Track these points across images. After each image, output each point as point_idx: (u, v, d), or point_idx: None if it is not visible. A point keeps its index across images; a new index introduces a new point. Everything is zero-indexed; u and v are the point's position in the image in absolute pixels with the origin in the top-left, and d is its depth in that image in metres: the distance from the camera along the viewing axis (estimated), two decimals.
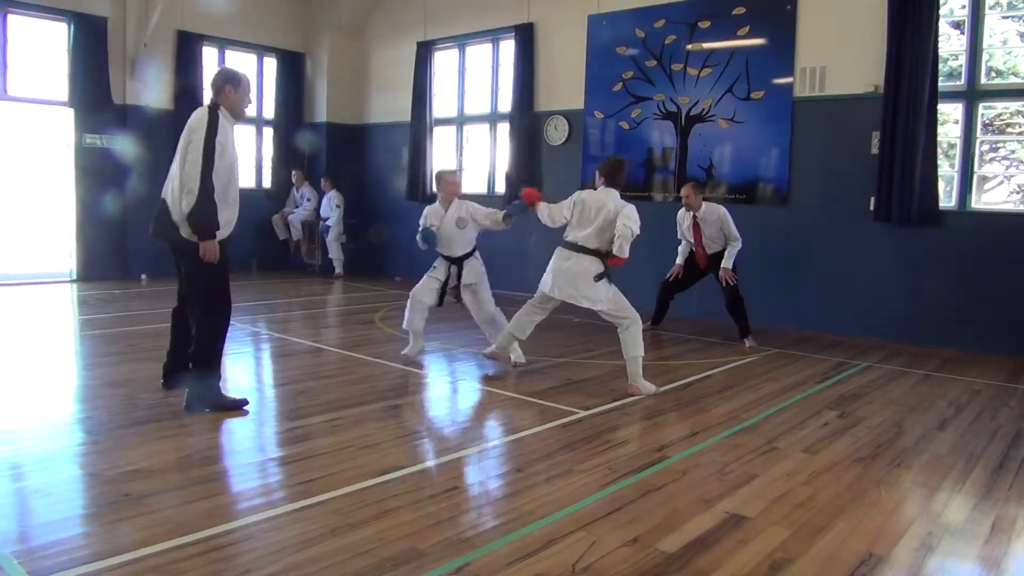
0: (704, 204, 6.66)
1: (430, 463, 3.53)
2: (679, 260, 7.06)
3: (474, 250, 5.58)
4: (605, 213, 4.80)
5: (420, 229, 5.49)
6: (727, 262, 6.55)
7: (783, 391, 5.07)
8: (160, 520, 2.75)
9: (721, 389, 5.07)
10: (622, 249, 4.67)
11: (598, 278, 4.83)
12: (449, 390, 5.08)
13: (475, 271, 5.52)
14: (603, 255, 4.82)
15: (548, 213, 5.01)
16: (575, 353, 6.12)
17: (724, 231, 6.62)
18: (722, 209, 6.66)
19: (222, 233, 4.07)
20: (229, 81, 4.12)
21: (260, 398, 4.72)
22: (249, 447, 3.74)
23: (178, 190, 3.98)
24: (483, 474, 3.50)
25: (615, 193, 4.92)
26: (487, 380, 5.18)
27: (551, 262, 5.01)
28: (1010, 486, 3.41)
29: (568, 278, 4.87)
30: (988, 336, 6.47)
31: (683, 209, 6.81)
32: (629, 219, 4.69)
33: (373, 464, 3.41)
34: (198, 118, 4.00)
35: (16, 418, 3.95)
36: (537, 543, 2.65)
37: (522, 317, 5.15)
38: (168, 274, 8.36)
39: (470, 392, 5.02)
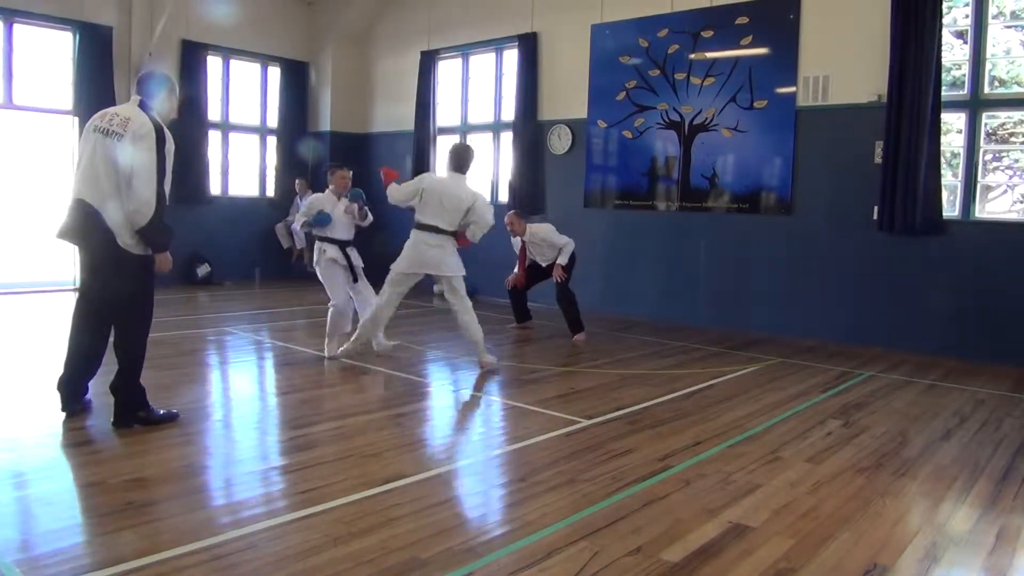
0: (528, 227, 7.24)
1: (433, 472, 3.52)
2: (517, 270, 7.49)
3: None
4: (458, 203, 5.46)
5: (316, 213, 5.86)
6: (561, 259, 7.10)
7: (787, 401, 5.06)
8: (163, 529, 2.75)
9: (725, 398, 5.05)
10: (475, 236, 5.57)
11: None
12: (452, 399, 5.07)
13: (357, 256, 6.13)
14: (454, 235, 5.53)
15: (395, 194, 5.60)
16: (578, 362, 6.12)
17: (551, 244, 7.17)
18: (543, 228, 7.26)
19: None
20: (170, 88, 4.03)
21: (263, 407, 4.72)
22: (252, 456, 3.74)
23: (118, 197, 3.72)
24: (486, 483, 3.49)
25: (463, 179, 5.59)
26: (487, 389, 5.18)
27: (409, 244, 5.56)
28: (1015, 496, 3.40)
29: (431, 257, 5.48)
30: (992, 346, 6.45)
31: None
32: (486, 214, 5.52)
33: (376, 473, 3.40)
34: (143, 125, 3.75)
35: (18, 426, 3.95)
36: (540, 553, 2.65)
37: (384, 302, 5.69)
38: (169, 281, 8.29)
39: (473, 401, 5.02)
